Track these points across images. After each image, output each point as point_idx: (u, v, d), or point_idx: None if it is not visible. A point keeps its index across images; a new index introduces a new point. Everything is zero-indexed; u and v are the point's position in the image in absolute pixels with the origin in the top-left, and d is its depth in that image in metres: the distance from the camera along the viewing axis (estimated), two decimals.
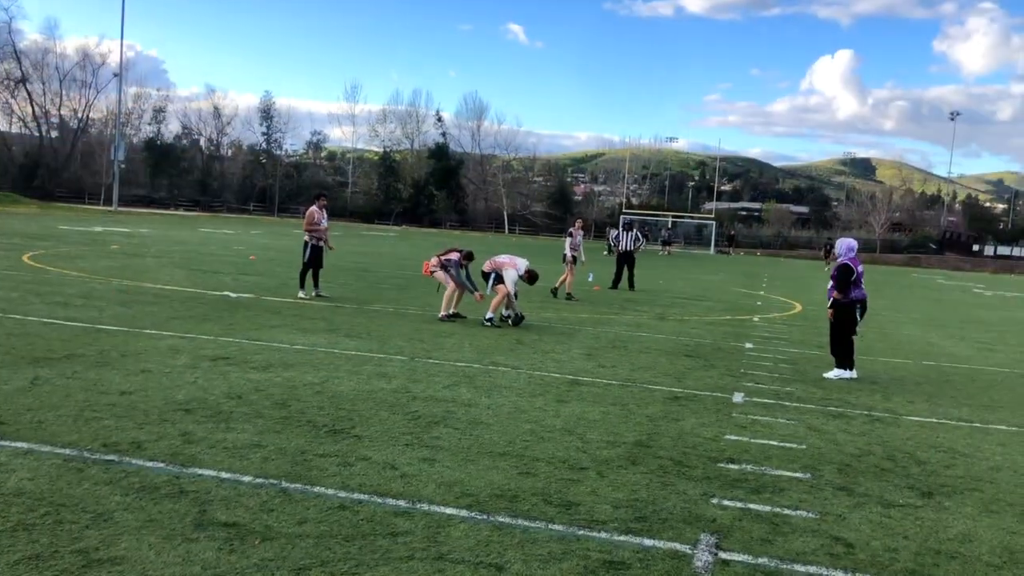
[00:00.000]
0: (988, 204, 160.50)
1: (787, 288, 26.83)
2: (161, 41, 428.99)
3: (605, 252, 46.24)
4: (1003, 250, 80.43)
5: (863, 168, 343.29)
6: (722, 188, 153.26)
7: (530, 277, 12.20)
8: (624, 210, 75.46)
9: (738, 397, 8.10)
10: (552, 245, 59.34)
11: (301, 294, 13.99)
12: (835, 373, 9.69)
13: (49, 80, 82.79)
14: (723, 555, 4.13)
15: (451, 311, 12.16)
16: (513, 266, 12.06)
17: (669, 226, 69.41)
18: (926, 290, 33.08)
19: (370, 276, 19.64)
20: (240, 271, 17.91)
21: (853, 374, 9.69)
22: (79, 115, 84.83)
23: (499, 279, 12.06)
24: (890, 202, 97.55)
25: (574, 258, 18.09)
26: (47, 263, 16.88)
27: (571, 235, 18.55)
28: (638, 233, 22.03)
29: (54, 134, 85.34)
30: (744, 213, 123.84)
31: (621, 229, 22.03)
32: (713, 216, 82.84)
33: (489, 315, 11.88)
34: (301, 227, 14.96)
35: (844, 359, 9.73)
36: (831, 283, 9.87)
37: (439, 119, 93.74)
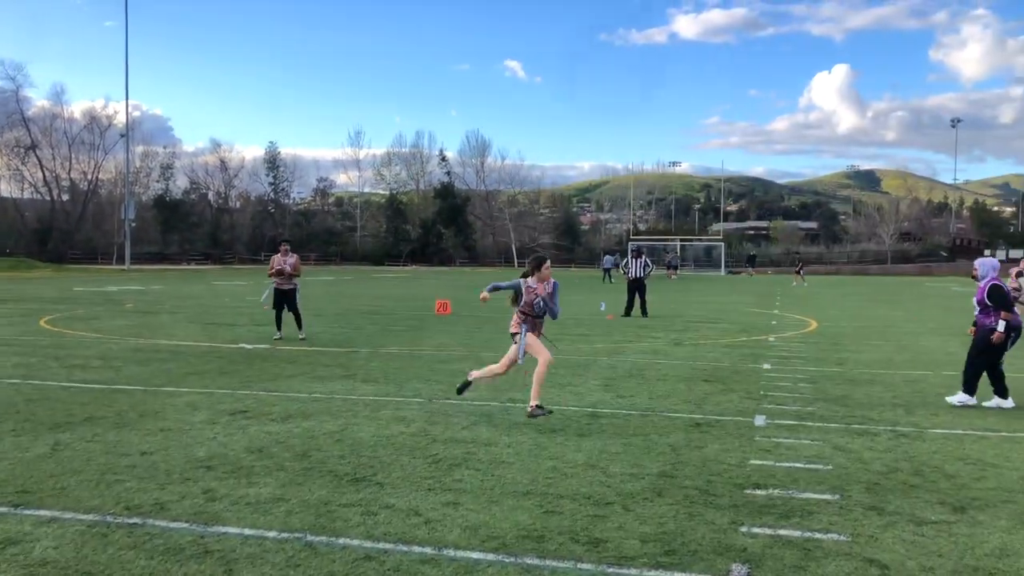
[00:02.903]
0: (996, 208, 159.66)
1: (801, 306, 26.70)
2: (165, 99, 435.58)
3: (605, 280, 46.11)
4: (1015, 253, 79.53)
5: (868, 180, 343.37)
6: (728, 209, 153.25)
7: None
8: (631, 237, 75.57)
9: (760, 420, 8.02)
10: (563, 276, 59.35)
11: (276, 335, 14.61)
12: (959, 399, 8.99)
13: (58, 145, 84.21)
14: None
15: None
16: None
17: (676, 251, 69.46)
18: (941, 299, 32.85)
19: (383, 319, 19.68)
20: (254, 322, 17.98)
21: (973, 400, 9.00)
22: (89, 177, 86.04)
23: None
24: (897, 212, 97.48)
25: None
26: (64, 326, 17.01)
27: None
28: (647, 259, 22.03)
29: (65, 197, 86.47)
30: (752, 232, 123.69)
31: (630, 256, 22.03)
32: (721, 237, 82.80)
33: None
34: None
35: (972, 385, 9.01)
36: (979, 308, 9.06)
37: (443, 159, 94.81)
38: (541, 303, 7.83)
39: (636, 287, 21.02)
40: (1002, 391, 9.06)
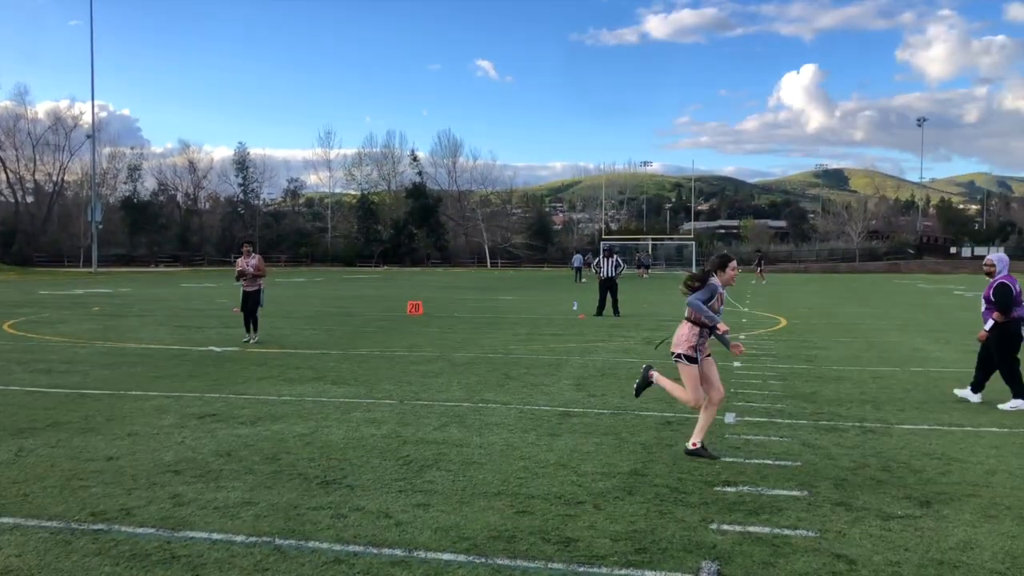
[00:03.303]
0: (961, 206, 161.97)
1: (770, 303, 26.95)
2: (133, 99, 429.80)
3: (577, 279, 46.14)
4: (980, 251, 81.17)
5: (836, 179, 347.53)
6: (699, 208, 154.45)
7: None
8: (603, 236, 75.80)
9: (730, 417, 8.08)
10: (536, 276, 59.43)
11: (244, 339, 14.53)
12: (1012, 404, 8.66)
13: (22, 146, 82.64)
14: None
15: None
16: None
17: (647, 250, 69.89)
18: (908, 295, 33.32)
19: (355, 320, 19.56)
20: (224, 324, 17.80)
21: None
22: (54, 179, 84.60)
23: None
24: (865, 211, 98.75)
25: None
26: (29, 330, 16.71)
27: None
28: (618, 259, 22.12)
29: (30, 199, 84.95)
30: (723, 231, 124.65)
31: (602, 255, 22.11)
32: (692, 236, 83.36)
33: None
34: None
35: (1018, 385, 8.74)
36: (985, 305, 8.94)
37: (414, 159, 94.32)
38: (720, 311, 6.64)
39: (608, 286, 21.10)
40: (978, 386, 9.11)
